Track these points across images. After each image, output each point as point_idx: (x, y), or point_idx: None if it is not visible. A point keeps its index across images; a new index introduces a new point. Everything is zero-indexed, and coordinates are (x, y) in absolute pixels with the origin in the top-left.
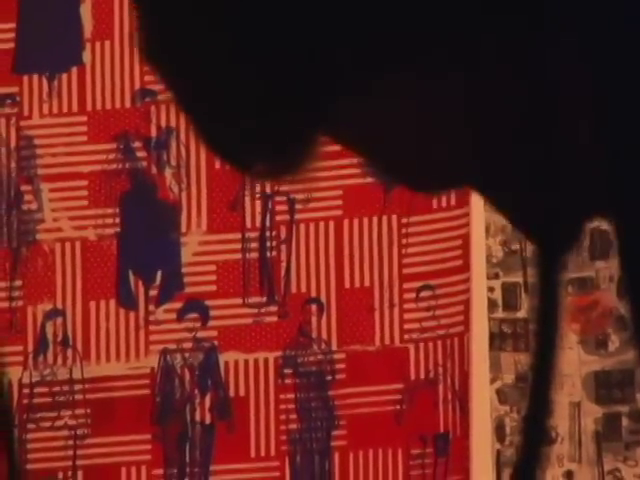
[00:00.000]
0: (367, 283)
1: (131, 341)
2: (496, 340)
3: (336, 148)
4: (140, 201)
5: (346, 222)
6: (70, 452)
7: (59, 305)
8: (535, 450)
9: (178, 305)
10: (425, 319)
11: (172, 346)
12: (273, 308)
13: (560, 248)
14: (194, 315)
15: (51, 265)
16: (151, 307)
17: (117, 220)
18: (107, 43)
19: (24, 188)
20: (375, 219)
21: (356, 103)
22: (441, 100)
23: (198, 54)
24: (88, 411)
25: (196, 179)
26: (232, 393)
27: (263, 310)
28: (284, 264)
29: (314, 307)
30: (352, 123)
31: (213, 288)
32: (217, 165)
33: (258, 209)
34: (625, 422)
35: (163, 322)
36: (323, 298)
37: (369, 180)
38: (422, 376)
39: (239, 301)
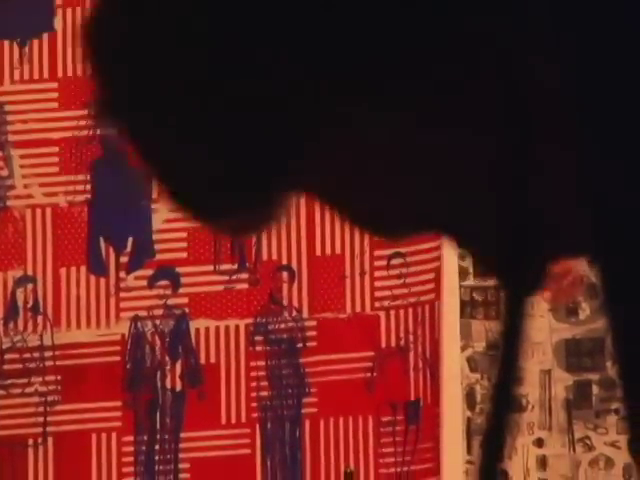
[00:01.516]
0: (338, 251)
1: (102, 308)
2: (467, 308)
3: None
4: (111, 168)
5: None
6: (40, 419)
7: (30, 272)
8: (505, 418)
9: (149, 272)
10: (396, 287)
11: (143, 313)
12: (244, 275)
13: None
14: (165, 282)
15: (21, 231)
16: (122, 274)
17: (88, 187)
18: (78, 10)
19: None
20: None
21: (322, 156)
22: (410, 146)
23: (166, 108)
24: (58, 378)
25: None
26: (203, 360)
27: (234, 277)
28: None
29: (285, 274)
30: (317, 178)
31: (184, 255)
32: None
33: None
34: (595, 390)
35: (134, 289)
36: (294, 265)
37: None
38: (393, 344)
39: (210, 268)
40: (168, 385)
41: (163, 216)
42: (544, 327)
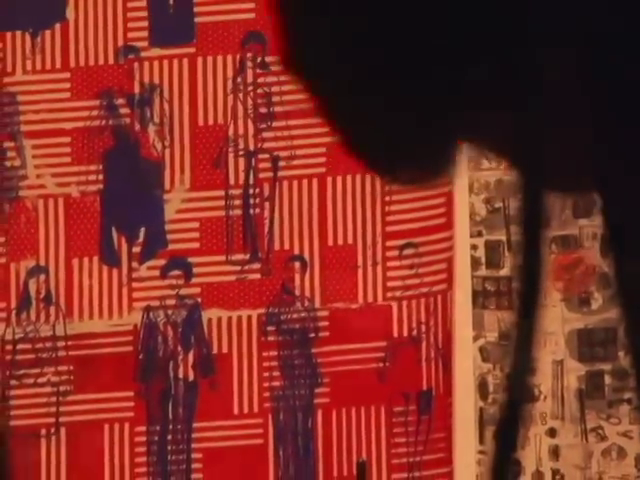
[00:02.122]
0: (350, 241)
1: (114, 298)
2: (479, 298)
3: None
4: (123, 158)
5: (329, 179)
6: (53, 409)
7: (42, 262)
8: (518, 408)
9: (161, 262)
10: (408, 277)
11: (155, 303)
12: (256, 265)
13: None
14: (177, 272)
15: (34, 222)
16: (134, 264)
17: (100, 177)
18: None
19: (7, 145)
20: (358, 177)
21: (494, 109)
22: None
23: (349, 68)
24: (71, 368)
25: (179, 136)
26: (215, 350)
27: (246, 267)
28: (267, 221)
29: (297, 264)
30: (488, 128)
31: (196, 245)
32: (200, 122)
33: (241, 166)
34: (608, 380)
35: (146, 279)
36: (306, 256)
37: None
38: (405, 334)
39: (222, 258)
40: (180, 375)
41: (175, 206)
42: (556, 317)
